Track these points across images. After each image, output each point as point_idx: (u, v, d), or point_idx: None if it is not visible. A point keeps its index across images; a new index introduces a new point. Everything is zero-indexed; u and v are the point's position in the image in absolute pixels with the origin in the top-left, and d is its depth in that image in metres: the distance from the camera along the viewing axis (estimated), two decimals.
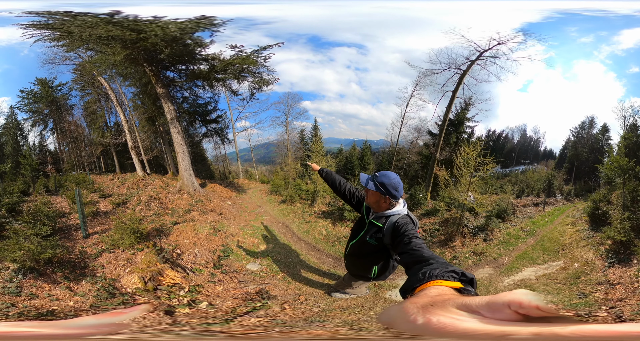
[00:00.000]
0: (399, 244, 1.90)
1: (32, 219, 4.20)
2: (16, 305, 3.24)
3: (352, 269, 3.15)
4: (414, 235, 1.93)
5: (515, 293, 0.52)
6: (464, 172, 5.94)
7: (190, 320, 3.15)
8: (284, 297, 3.92)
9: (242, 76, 8.09)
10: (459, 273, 0.97)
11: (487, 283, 4.77)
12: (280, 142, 10.79)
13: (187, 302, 3.72)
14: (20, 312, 3.10)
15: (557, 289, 4.42)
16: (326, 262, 5.36)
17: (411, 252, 1.64)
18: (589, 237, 5.79)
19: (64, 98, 8.98)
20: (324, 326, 2.88)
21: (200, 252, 5.13)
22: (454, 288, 0.87)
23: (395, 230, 2.18)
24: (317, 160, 7.97)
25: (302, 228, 6.93)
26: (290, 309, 3.52)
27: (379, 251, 2.65)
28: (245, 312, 3.46)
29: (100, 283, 3.92)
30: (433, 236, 6.47)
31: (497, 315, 0.52)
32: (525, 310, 0.50)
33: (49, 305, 3.35)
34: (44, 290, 3.62)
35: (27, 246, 3.72)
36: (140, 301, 3.61)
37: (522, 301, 0.50)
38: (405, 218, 2.29)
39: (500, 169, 10.79)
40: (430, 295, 0.76)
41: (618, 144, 7.45)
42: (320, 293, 3.95)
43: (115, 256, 4.57)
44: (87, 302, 3.51)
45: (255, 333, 2.82)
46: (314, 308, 3.49)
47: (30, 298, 3.42)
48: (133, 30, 6.39)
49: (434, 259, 1.38)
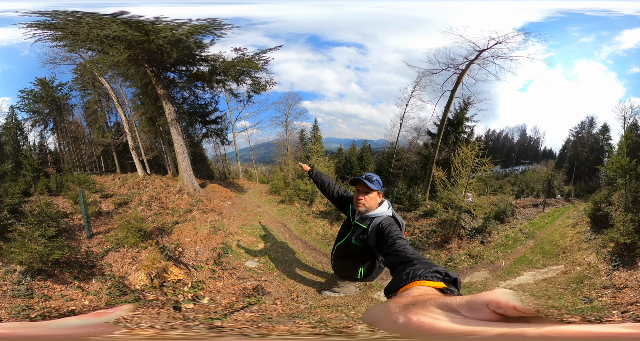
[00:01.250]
0: (383, 245, 1.92)
1: (37, 220, 4.20)
2: (32, 307, 3.20)
3: (339, 270, 3.23)
4: (398, 236, 1.95)
5: (494, 293, 0.51)
6: (461, 173, 5.90)
7: (197, 315, 3.21)
8: (278, 293, 3.99)
9: (242, 79, 8.13)
10: (443, 273, 0.98)
11: (482, 287, 4.66)
12: (280, 142, 10.82)
13: (191, 298, 3.80)
14: (41, 314, 3.07)
15: (558, 294, 4.24)
16: (321, 261, 5.41)
17: (395, 253, 1.66)
18: (591, 239, 5.66)
19: (64, 99, 9.03)
20: (298, 322, 2.92)
21: (201, 250, 5.23)
22: (437, 288, 0.88)
23: (379, 232, 2.21)
24: (315, 160, 7.99)
25: (300, 227, 6.98)
26: (280, 305, 3.59)
27: (365, 252, 2.69)
28: (241, 307, 3.52)
29: (109, 281, 3.95)
30: (429, 237, 6.43)
31: (476, 315, 0.52)
32: (502, 310, 0.49)
33: (66, 306, 3.34)
34: (56, 290, 3.62)
35: (34, 248, 3.70)
36: (150, 298, 3.65)
37: (500, 301, 0.50)
38: (389, 220, 2.33)
39: (500, 169, 10.76)
40: (413, 294, 0.76)
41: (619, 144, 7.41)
42: (311, 291, 4.01)
43: (121, 254, 4.63)
44: (102, 300, 3.53)
45: (242, 327, 2.87)
46: (302, 305, 3.54)
47: (44, 300, 3.39)
48: (141, 31, 6.43)
49: (418, 260, 1.40)
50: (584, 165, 9.52)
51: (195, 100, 9.40)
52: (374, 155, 10.97)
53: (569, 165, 9.88)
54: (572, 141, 9.92)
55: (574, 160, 9.80)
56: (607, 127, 9.07)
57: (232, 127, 10.34)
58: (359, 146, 10.96)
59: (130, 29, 6.33)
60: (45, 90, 8.61)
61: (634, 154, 6.24)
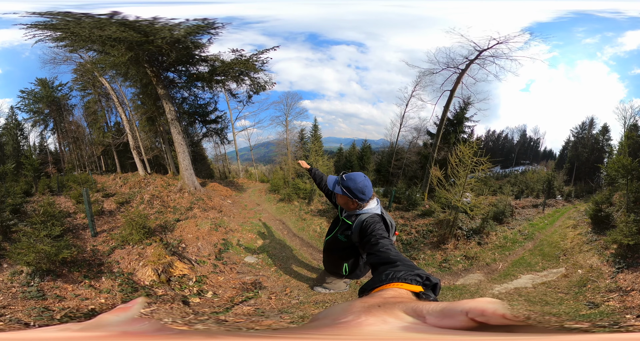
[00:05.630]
0: (366, 244, 1.87)
1: (43, 220, 4.19)
2: (50, 307, 3.12)
3: (326, 265, 3.31)
4: (382, 235, 1.90)
5: (479, 301, 0.49)
6: (459, 172, 5.84)
7: (204, 309, 3.27)
8: (273, 288, 4.07)
9: (241, 79, 8.15)
10: (423, 277, 0.93)
11: (474, 290, 4.52)
12: (280, 142, 10.84)
13: (196, 292, 3.89)
14: (65, 314, 3.01)
15: (558, 299, 4.04)
16: (317, 258, 5.47)
17: (378, 253, 1.60)
18: (592, 241, 5.49)
19: (64, 99, 9.07)
20: (284, 317, 2.96)
21: (203, 245, 5.34)
22: (414, 291, 0.84)
23: (362, 229, 2.18)
24: (314, 159, 8.02)
25: (298, 225, 7.04)
26: (274, 300, 3.66)
27: (348, 248, 2.71)
28: (240, 301, 3.60)
29: (119, 278, 3.97)
30: (426, 237, 6.39)
31: (445, 322, 0.49)
32: (485, 318, 0.47)
33: (83, 305, 3.30)
34: (68, 290, 3.57)
35: (41, 248, 3.65)
36: (160, 293, 3.67)
37: (486, 309, 0.47)
38: (374, 218, 2.25)
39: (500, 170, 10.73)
40: (385, 296, 0.74)
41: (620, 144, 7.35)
42: (304, 287, 4.08)
43: (127, 251, 4.67)
44: (117, 298, 3.54)
45: (239, 322, 2.90)
46: (293, 300, 3.62)
47: (58, 300, 3.34)
48: (140, 32, 6.45)
49: (401, 261, 1.33)
50: (584, 166, 9.47)
51: (195, 100, 9.43)
52: (374, 155, 10.96)
53: (569, 165, 9.84)
54: (573, 141, 9.88)
55: (574, 160, 9.75)
56: (607, 128, 9.03)
57: (232, 126, 10.38)
58: (359, 146, 10.96)
59: (129, 30, 6.34)
60: (45, 90, 8.65)
61: (635, 154, 6.19)
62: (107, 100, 9.38)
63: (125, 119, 9.09)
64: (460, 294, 4.42)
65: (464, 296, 4.31)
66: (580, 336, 0.51)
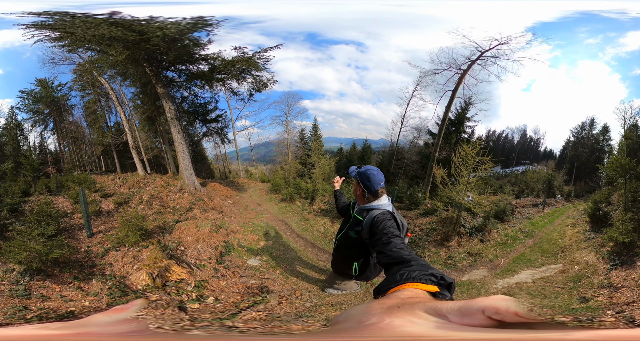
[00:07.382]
0: (377, 241, 1.82)
1: (37, 219, 4.15)
2: (29, 307, 3.13)
3: (336, 265, 3.25)
4: (394, 234, 1.88)
5: (492, 299, 0.50)
6: (462, 171, 5.92)
7: (204, 315, 3.20)
8: (281, 292, 4.00)
9: (242, 77, 8.12)
10: (438, 276, 0.92)
11: (480, 285, 4.66)
12: (280, 141, 10.82)
13: (195, 297, 3.79)
14: (38, 315, 3.01)
15: (554, 293, 4.21)
16: (323, 259, 5.44)
17: (390, 253, 1.57)
18: (590, 239, 5.64)
19: (64, 99, 9.01)
20: (307, 320, 2.92)
21: (203, 248, 5.23)
22: (430, 291, 0.84)
23: (373, 225, 2.15)
24: (316, 158, 8.03)
25: (301, 225, 7.01)
26: (286, 303, 3.60)
27: (358, 245, 2.67)
28: (247, 307, 3.53)
29: (110, 281, 3.89)
30: (429, 235, 6.46)
31: (466, 320, 0.50)
32: (500, 316, 0.48)
33: (64, 306, 3.26)
34: (55, 291, 3.54)
35: (33, 247, 3.63)
36: (153, 298, 3.61)
37: (499, 307, 0.48)
38: (386, 215, 2.23)
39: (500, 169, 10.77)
40: (402, 296, 0.74)
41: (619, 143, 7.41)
42: (314, 289, 4.03)
43: (122, 254, 4.59)
44: (103, 301, 3.49)
45: (256, 327, 2.85)
46: (307, 303, 3.56)
47: (42, 300, 3.32)
48: (134, 31, 6.41)
49: (415, 260, 1.32)
50: (584, 166, 9.53)
51: (194, 99, 9.38)
52: (374, 155, 10.96)
53: (569, 165, 9.90)
54: (573, 141, 9.94)
55: (574, 160, 9.81)
56: (607, 128, 9.09)
57: (232, 126, 10.33)
58: (360, 145, 10.95)
59: (123, 29, 6.29)
60: (45, 90, 8.59)
61: (634, 154, 6.25)
62: (107, 100, 9.33)
63: (124, 119, 9.03)
64: (468, 289, 4.49)
65: (472, 292, 4.37)
66: (597, 332, 0.51)
